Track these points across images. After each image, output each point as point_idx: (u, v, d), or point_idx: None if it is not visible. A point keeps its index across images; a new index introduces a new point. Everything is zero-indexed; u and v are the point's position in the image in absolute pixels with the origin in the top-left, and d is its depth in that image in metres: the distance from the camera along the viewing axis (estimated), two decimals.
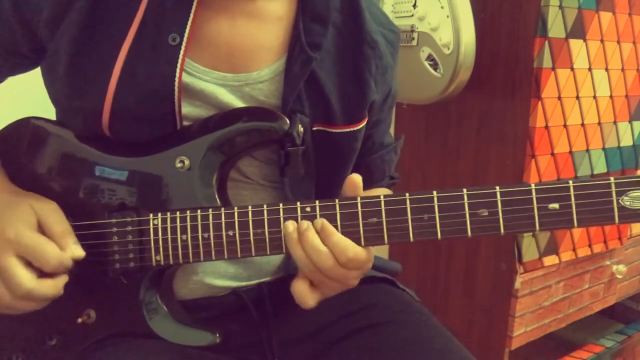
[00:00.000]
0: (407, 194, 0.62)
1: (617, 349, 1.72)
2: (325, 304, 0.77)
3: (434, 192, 0.61)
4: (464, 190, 0.61)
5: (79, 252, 0.65)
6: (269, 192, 0.77)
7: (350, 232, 0.63)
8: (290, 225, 0.63)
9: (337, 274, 0.63)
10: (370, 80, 0.75)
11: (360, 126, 0.77)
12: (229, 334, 0.72)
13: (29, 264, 0.63)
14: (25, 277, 0.62)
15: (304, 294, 0.65)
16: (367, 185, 0.86)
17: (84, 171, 0.69)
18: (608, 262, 1.59)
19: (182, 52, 0.66)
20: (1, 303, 0.63)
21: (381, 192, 0.86)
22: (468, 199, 0.61)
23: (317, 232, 0.63)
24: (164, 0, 0.67)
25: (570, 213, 0.59)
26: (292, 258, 0.64)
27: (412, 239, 0.62)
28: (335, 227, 0.63)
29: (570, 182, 0.59)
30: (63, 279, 0.65)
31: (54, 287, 0.64)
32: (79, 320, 0.69)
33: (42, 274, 0.64)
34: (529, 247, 1.36)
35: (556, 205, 0.59)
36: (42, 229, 0.65)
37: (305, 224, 0.63)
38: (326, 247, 0.62)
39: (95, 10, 0.66)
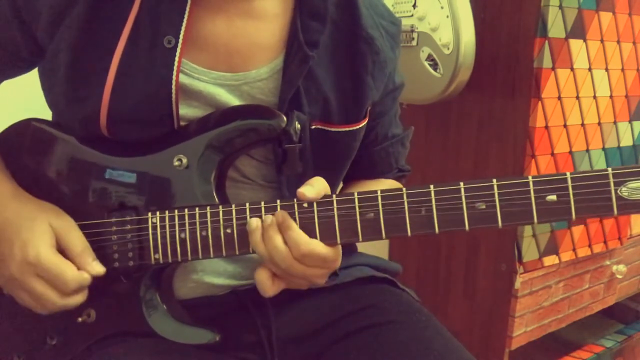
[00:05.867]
0: (403, 189, 0.62)
1: (617, 349, 1.71)
2: (325, 304, 0.78)
3: (431, 187, 0.62)
4: (461, 183, 0.61)
5: (99, 269, 0.66)
6: (268, 192, 0.77)
7: (348, 227, 0.63)
8: (254, 222, 0.64)
9: (296, 270, 0.63)
10: (366, 77, 0.75)
11: (360, 126, 0.77)
12: (229, 333, 0.72)
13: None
14: (56, 296, 0.64)
15: (265, 283, 0.65)
16: (370, 177, 0.87)
17: (83, 171, 0.70)
18: (608, 262, 1.59)
19: (177, 54, 0.67)
20: (33, 310, 0.66)
21: (387, 183, 0.86)
22: (465, 192, 0.61)
23: (278, 225, 0.63)
24: (158, 2, 0.67)
25: (568, 204, 0.58)
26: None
27: (409, 233, 0.62)
28: (333, 222, 0.63)
29: (568, 173, 0.58)
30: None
31: (82, 297, 0.66)
32: (79, 319, 0.69)
33: None
34: (529, 247, 1.36)
35: (554, 197, 0.58)
36: (60, 247, 0.66)
37: (270, 219, 0.63)
38: (284, 242, 0.62)
39: (93, 12, 0.66)
